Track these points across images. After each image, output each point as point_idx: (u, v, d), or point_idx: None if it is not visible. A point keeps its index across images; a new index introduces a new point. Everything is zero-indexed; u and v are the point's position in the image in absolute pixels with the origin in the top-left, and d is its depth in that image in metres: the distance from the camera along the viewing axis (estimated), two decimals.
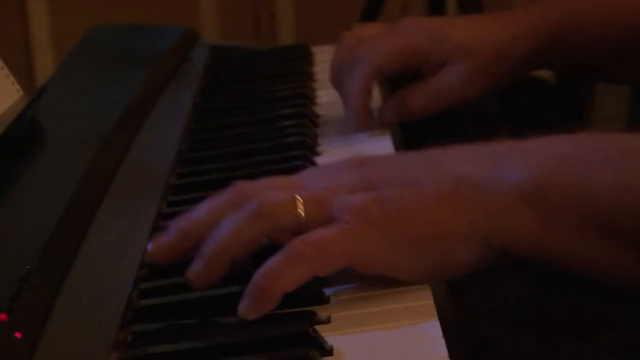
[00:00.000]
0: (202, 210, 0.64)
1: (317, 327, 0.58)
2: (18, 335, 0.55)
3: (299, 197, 0.61)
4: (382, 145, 0.87)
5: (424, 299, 0.61)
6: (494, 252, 0.62)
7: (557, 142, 0.63)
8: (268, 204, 0.61)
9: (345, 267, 0.61)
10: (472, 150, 0.65)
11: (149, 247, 0.65)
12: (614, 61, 0.93)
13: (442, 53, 0.88)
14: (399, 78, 0.92)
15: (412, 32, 0.90)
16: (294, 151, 0.85)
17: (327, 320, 0.60)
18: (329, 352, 0.57)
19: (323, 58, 1.14)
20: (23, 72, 2.25)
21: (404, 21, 0.92)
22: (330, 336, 0.58)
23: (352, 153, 0.86)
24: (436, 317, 0.59)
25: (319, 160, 0.84)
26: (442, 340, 0.57)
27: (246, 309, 0.59)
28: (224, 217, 0.62)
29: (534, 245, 0.61)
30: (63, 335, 0.58)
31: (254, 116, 0.96)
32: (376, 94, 0.95)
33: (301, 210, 0.61)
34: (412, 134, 0.91)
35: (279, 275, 0.59)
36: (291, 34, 2.45)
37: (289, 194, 0.62)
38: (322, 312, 0.60)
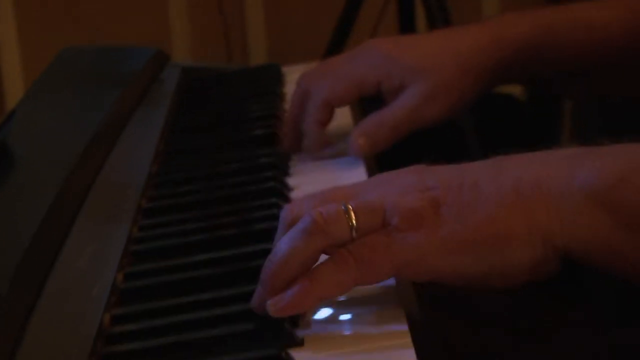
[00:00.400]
0: (279, 248, 0.62)
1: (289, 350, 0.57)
2: None
3: (350, 207, 0.60)
4: (352, 161, 0.87)
5: (399, 322, 0.60)
6: (557, 257, 0.60)
7: (631, 147, 0.61)
8: (320, 220, 0.60)
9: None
10: (540, 154, 0.63)
11: (251, 304, 0.62)
12: (589, 75, 0.91)
13: (396, 77, 0.87)
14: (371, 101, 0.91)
15: (362, 60, 0.89)
16: (266, 172, 0.84)
17: (300, 342, 0.59)
18: None
19: (294, 78, 1.14)
20: None
21: (360, 47, 0.91)
22: (302, 357, 0.57)
23: (325, 172, 0.86)
24: (411, 344, 0.58)
25: (291, 180, 0.84)
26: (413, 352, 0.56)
27: (278, 304, 0.59)
28: (279, 239, 0.62)
29: (605, 250, 0.59)
30: None
31: (225, 137, 0.95)
32: (348, 118, 0.95)
33: (353, 220, 0.60)
34: (385, 152, 0.90)
35: (320, 280, 0.59)
36: (263, 54, 2.46)
37: (339, 206, 0.61)
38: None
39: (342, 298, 0.63)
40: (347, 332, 0.61)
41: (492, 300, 0.68)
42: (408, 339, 0.58)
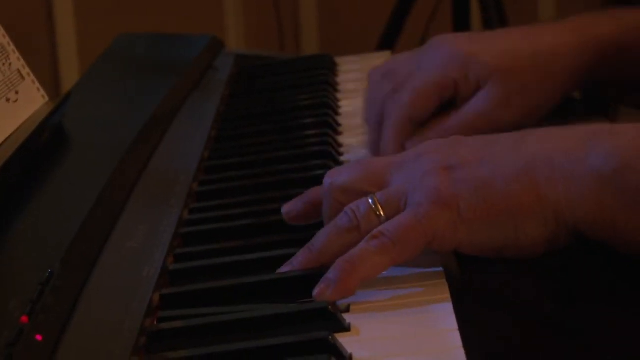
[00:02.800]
0: (321, 237, 0.67)
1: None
2: (39, 337, 0.56)
3: (377, 200, 0.65)
4: None
5: (446, 309, 0.61)
6: (567, 231, 0.63)
7: None
8: (354, 220, 0.65)
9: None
10: (560, 130, 0.65)
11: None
12: None
13: (473, 78, 0.82)
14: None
15: (437, 60, 0.82)
16: (316, 160, 0.85)
17: (347, 328, 0.60)
18: (348, 359, 0.57)
19: (347, 68, 1.14)
20: (49, 80, 2.27)
21: (429, 45, 0.85)
22: (349, 342, 0.58)
23: None
24: (457, 330, 0.59)
25: None
26: (462, 351, 0.57)
27: (322, 291, 0.61)
28: (319, 234, 0.66)
29: (609, 226, 0.61)
30: (83, 339, 0.58)
31: (277, 125, 0.96)
32: None
33: (381, 211, 0.65)
34: None
35: (360, 263, 0.62)
36: (315, 44, 2.46)
37: (370, 200, 0.65)
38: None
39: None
40: (391, 317, 0.61)
41: (538, 299, 0.68)
42: (454, 327, 0.58)
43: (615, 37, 0.83)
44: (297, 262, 0.66)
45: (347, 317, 0.60)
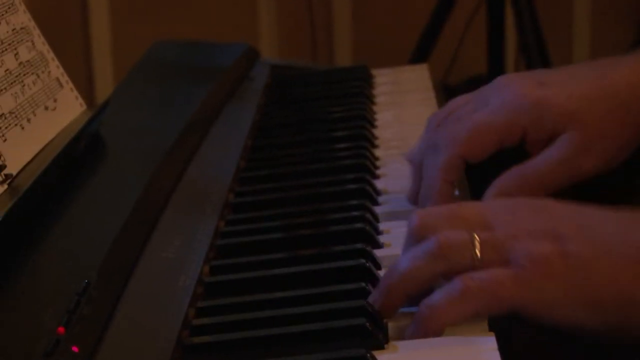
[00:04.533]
0: (402, 264, 0.63)
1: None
2: (75, 349, 0.56)
3: (477, 238, 0.61)
4: None
5: (483, 328, 0.60)
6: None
7: None
8: (445, 246, 0.61)
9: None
10: None
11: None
12: None
13: (544, 125, 0.74)
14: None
15: (503, 105, 0.75)
16: (352, 173, 0.84)
17: (383, 345, 0.59)
18: None
19: (383, 80, 1.14)
20: (83, 86, 2.28)
21: (493, 86, 0.78)
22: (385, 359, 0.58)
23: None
24: (493, 335, 0.58)
25: (378, 183, 0.84)
26: (497, 353, 0.56)
27: (410, 336, 0.60)
28: (403, 253, 0.63)
29: None
30: (119, 350, 0.58)
31: (312, 136, 0.96)
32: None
33: (478, 252, 0.61)
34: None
35: (443, 310, 0.59)
36: (348, 54, 2.46)
37: (468, 235, 0.61)
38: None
39: None
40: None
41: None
42: (493, 346, 0.58)
43: None
44: (379, 291, 0.62)
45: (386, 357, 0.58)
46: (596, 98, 0.74)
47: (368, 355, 0.56)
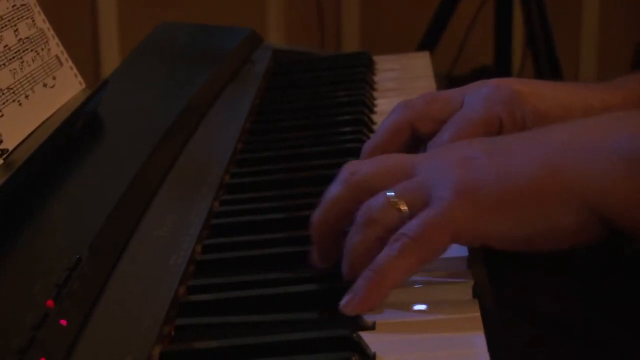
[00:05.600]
0: (321, 204, 0.66)
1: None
2: (63, 322, 0.56)
3: (392, 195, 0.63)
4: None
5: (472, 312, 0.60)
6: (598, 220, 0.61)
7: None
8: (370, 214, 0.63)
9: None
10: (582, 120, 0.64)
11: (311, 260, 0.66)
12: None
13: (519, 116, 0.75)
14: None
15: (484, 96, 0.76)
16: (349, 157, 0.84)
17: (372, 326, 0.60)
18: (371, 357, 0.57)
19: (385, 67, 1.14)
20: (90, 67, 2.28)
21: (477, 84, 0.79)
22: (373, 341, 0.58)
23: None
24: (482, 330, 0.58)
25: None
26: (487, 354, 0.56)
27: (351, 303, 0.60)
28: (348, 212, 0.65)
29: (637, 211, 0.60)
30: (108, 326, 0.58)
31: (311, 120, 0.96)
32: None
33: (402, 206, 0.63)
34: None
35: (387, 270, 0.61)
36: (356, 43, 2.46)
37: (386, 196, 0.63)
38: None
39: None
40: (417, 318, 0.61)
41: (560, 307, 0.67)
42: (479, 326, 0.58)
43: None
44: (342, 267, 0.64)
45: (372, 338, 0.58)
46: (571, 110, 0.76)
47: (354, 335, 0.57)
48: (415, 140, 0.77)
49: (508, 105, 0.76)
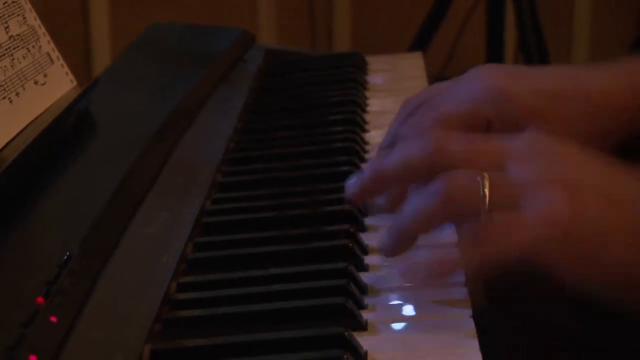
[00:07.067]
0: (396, 157, 0.64)
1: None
2: (53, 319, 0.56)
3: (487, 181, 0.60)
4: None
5: (464, 312, 0.60)
6: None
7: None
8: (452, 190, 0.60)
9: None
10: None
11: (346, 185, 0.66)
12: None
13: (507, 118, 0.73)
14: None
15: (472, 93, 0.75)
16: (341, 156, 0.84)
17: (365, 326, 0.59)
18: (363, 356, 0.56)
19: (377, 67, 1.14)
20: (81, 69, 2.28)
21: (468, 76, 0.77)
22: (365, 340, 0.58)
23: None
24: (474, 330, 0.58)
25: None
26: (479, 354, 0.56)
27: (425, 273, 0.60)
28: (413, 195, 0.62)
29: None
30: (98, 323, 0.58)
31: (303, 120, 0.96)
32: None
33: (487, 194, 0.59)
34: None
35: (455, 257, 0.59)
36: (347, 44, 2.46)
37: (477, 177, 0.60)
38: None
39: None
40: (408, 318, 0.60)
41: (553, 310, 0.68)
42: (472, 326, 0.58)
43: None
44: (389, 234, 0.62)
45: (364, 336, 0.58)
46: (565, 98, 0.73)
47: (346, 333, 0.56)
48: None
49: (498, 105, 0.73)
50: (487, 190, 0.59)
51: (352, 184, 0.67)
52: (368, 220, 0.73)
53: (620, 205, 0.59)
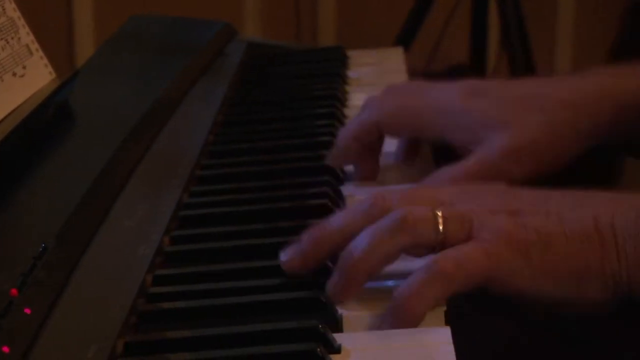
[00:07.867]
0: (337, 220, 0.63)
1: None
2: (27, 311, 0.56)
3: (440, 214, 0.61)
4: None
5: (438, 305, 0.60)
6: (619, 295, 0.61)
7: None
8: (410, 219, 0.60)
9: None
10: (617, 199, 0.63)
11: (281, 257, 0.63)
12: None
13: (464, 132, 0.76)
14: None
15: (430, 102, 0.77)
16: (322, 150, 0.84)
17: (339, 322, 0.60)
18: (337, 349, 0.57)
19: (359, 61, 1.14)
20: (64, 61, 2.27)
21: (439, 85, 0.80)
22: (339, 334, 0.58)
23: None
24: (448, 327, 0.58)
25: None
26: (451, 347, 0.56)
27: (387, 321, 0.59)
28: (362, 229, 0.61)
29: None
30: (72, 315, 0.58)
31: (284, 113, 0.96)
32: None
33: (441, 226, 0.61)
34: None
35: (420, 294, 0.58)
36: (332, 38, 2.46)
37: (430, 210, 0.61)
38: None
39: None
40: (383, 312, 0.61)
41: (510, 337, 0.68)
42: (443, 319, 0.58)
43: (637, 92, 0.76)
44: (332, 285, 0.61)
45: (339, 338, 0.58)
46: (529, 111, 0.75)
47: (319, 326, 0.57)
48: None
49: (449, 119, 0.76)
50: (440, 221, 0.60)
51: (287, 253, 0.63)
52: None
53: (555, 215, 0.62)
